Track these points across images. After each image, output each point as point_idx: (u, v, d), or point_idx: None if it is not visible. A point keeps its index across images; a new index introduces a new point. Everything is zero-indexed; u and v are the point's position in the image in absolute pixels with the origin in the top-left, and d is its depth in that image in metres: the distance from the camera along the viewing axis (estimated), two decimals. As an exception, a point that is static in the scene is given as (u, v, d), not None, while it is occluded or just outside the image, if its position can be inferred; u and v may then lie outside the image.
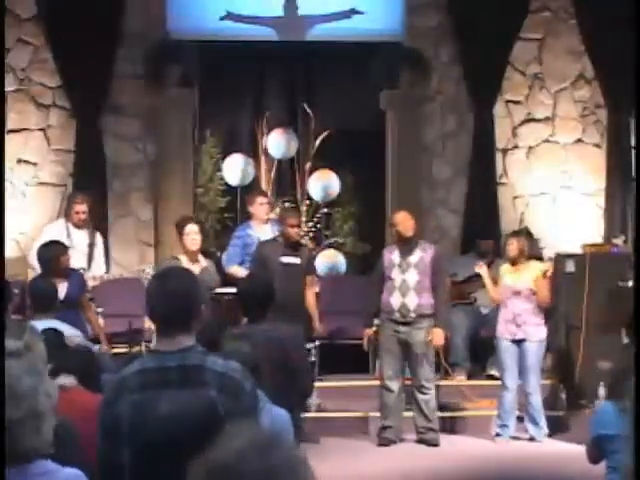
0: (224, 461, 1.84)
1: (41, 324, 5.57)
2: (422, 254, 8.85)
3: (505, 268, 9.15)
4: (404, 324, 8.77)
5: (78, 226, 9.75)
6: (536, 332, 8.97)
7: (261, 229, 9.95)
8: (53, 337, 5.36)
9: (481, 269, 9.37)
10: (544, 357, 9.23)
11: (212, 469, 1.84)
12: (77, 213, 9.79)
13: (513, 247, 9.05)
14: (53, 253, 8.25)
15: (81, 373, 4.93)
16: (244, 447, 1.85)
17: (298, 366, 5.98)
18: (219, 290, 9.74)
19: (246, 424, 2.02)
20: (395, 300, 8.77)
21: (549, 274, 9.14)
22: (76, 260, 9.33)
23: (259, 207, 10.13)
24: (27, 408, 2.65)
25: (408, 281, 8.78)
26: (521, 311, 8.96)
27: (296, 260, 9.08)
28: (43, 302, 6.87)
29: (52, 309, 6.82)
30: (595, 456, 4.96)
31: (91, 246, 9.73)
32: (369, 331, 8.99)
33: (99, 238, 9.96)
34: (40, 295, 6.98)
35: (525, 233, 9.30)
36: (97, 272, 9.66)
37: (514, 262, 9.05)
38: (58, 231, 9.62)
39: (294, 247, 9.20)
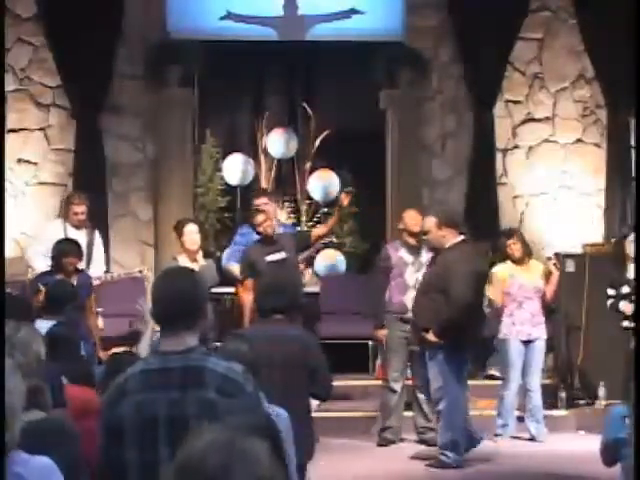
0: (189, 458, 1.99)
1: (47, 324, 5.57)
2: (427, 254, 8.86)
3: (511, 269, 9.06)
4: None
5: (77, 227, 9.62)
6: (544, 331, 9.01)
7: None
8: (69, 336, 5.37)
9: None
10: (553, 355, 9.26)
11: (179, 467, 2.00)
12: (75, 214, 9.54)
13: (518, 247, 9.02)
14: (56, 252, 8.25)
15: (71, 376, 4.93)
16: (207, 445, 1.99)
17: (318, 365, 5.99)
18: (218, 290, 9.76)
19: (215, 425, 2.16)
20: (409, 299, 8.71)
21: (558, 269, 9.14)
22: None
23: (263, 207, 10.11)
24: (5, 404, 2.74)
25: None
26: (536, 311, 8.97)
27: (281, 255, 9.09)
28: (59, 303, 6.81)
29: (63, 311, 6.77)
30: (610, 459, 4.94)
31: (90, 246, 9.62)
32: (383, 332, 8.83)
33: (98, 237, 9.78)
34: (59, 296, 6.91)
35: (518, 232, 9.29)
36: (97, 272, 9.56)
37: (519, 262, 9.01)
38: (56, 231, 9.52)
39: (273, 242, 9.21)
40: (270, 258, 9.05)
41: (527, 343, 8.98)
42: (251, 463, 1.97)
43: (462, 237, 8.18)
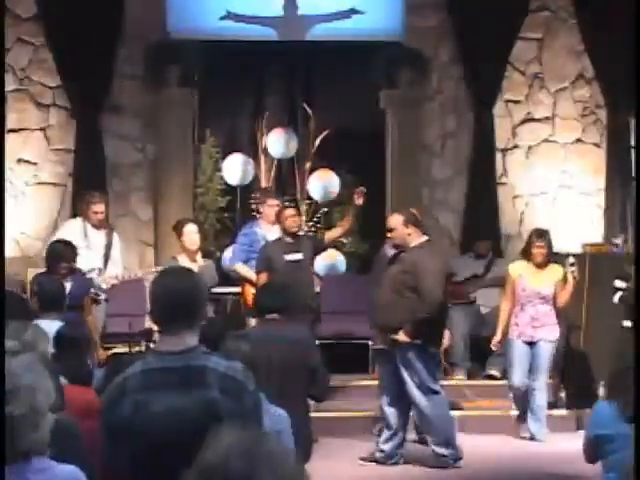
0: (211, 462, 1.95)
1: (48, 324, 5.57)
2: None
3: (524, 269, 9.03)
4: None
5: (96, 226, 9.63)
6: (551, 333, 8.99)
7: (269, 229, 9.93)
8: (77, 336, 5.38)
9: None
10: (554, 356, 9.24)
11: (201, 471, 1.95)
12: (95, 213, 9.57)
13: (543, 252, 8.97)
14: (50, 254, 8.23)
15: (71, 377, 4.94)
16: (230, 448, 1.95)
17: (317, 365, 6.00)
18: (218, 290, 9.76)
19: (233, 425, 2.12)
20: None
21: (576, 278, 9.08)
22: (93, 260, 9.31)
23: (269, 208, 10.11)
24: (27, 404, 2.66)
25: None
26: (540, 314, 8.95)
27: (298, 256, 9.12)
28: (50, 301, 6.85)
29: (59, 309, 6.80)
30: (592, 456, 4.96)
31: (108, 246, 9.64)
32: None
33: (116, 238, 9.80)
34: (48, 293, 6.96)
35: (548, 235, 9.18)
36: (112, 272, 9.51)
37: (538, 266, 8.99)
38: (75, 230, 9.53)
39: (294, 240, 9.22)
40: (289, 257, 9.09)
41: (532, 344, 8.99)
42: (275, 464, 1.94)
43: (426, 237, 8.19)
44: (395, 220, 8.18)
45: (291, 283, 8.08)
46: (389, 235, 8.35)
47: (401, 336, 7.89)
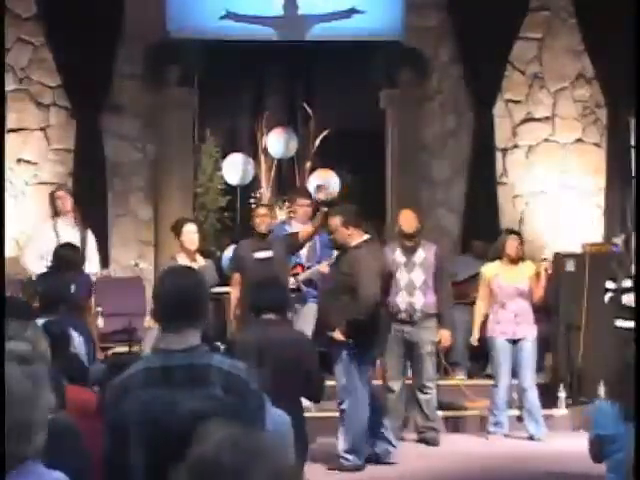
0: (202, 456, 1.98)
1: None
2: (425, 254, 8.86)
3: (498, 268, 9.10)
4: (410, 324, 8.76)
5: (63, 214, 9.59)
6: (532, 331, 9.04)
7: (299, 228, 9.86)
8: (59, 333, 5.36)
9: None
10: (542, 355, 9.26)
11: (192, 464, 1.98)
12: (60, 200, 9.61)
13: (515, 245, 9.06)
14: (65, 261, 8.19)
15: (71, 377, 4.93)
16: (220, 442, 1.97)
17: (312, 366, 5.98)
18: (218, 290, 9.75)
19: (223, 421, 2.13)
20: (401, 300, 8.73)
21: (548, 272, 9.16)
22: None
23: (300, 208, 10.09)
24: (24, 416, 2.60)
25: (414, 281, 8.77)
26: (521, 311, 9.00)
27: (268, 254, 9.08)
28: (53, 300, 6.81)
29: (59, 309, 6.77)
30: (598, 455, 4.98)
31: (83, 243, 9.63)
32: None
33: (90, 235, 9.78)
34: (52, 293, 6.92)
35: (521, 235, 9.33)
36: (91, 270, 9.54)
37: (513, 262, 9.07)
38: (48, 231, 9.53)
39: (264, 240, 9.18)
40: (257, 255, 9.07)
41: (514, 342, 9.02)
42: (266, 460, 1.94)
43: (367, 236, 8.20)
44: (335, 222, 8.19)
45: (259, 280, 8.02)
46: (331, 237, 8.34)
47: (336, 334, 7.92)
